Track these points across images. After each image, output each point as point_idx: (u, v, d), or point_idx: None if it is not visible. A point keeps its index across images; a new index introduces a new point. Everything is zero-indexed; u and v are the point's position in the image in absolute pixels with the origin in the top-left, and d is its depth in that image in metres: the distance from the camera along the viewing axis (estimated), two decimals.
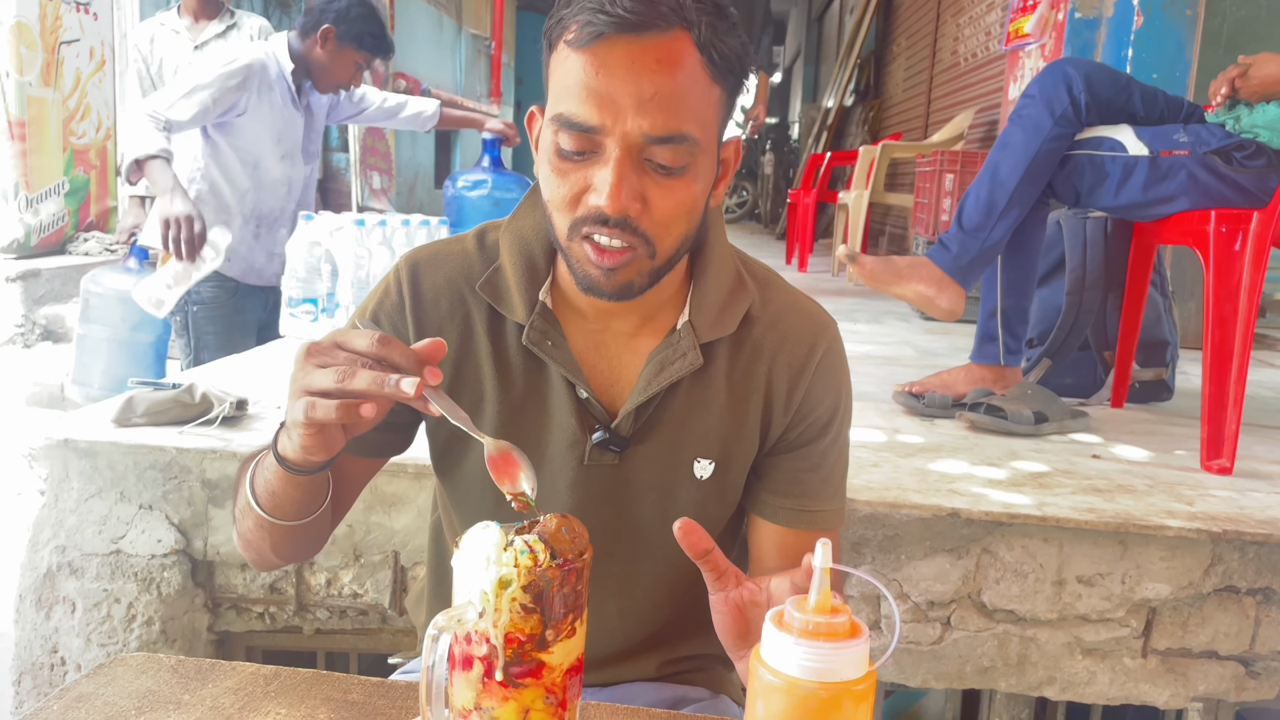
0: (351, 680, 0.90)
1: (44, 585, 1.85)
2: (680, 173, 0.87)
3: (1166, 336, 2.75)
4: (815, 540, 1.04)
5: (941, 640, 1.78)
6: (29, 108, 5.44)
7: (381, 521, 1.83)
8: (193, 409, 1.92)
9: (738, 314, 1.00)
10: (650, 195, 0.87)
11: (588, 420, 1.00)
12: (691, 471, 1.02)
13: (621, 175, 0.85)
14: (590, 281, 0.91)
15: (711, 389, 1.01)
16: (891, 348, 3.62)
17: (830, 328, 1.05)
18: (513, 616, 0.71)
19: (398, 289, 1.01)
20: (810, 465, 1.05)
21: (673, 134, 0.85)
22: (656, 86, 0.84)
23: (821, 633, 0.63)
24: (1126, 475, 2.01)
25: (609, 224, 0.87)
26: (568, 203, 0.89)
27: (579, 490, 1.02)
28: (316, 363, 0.78)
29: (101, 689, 0.86)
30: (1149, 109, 2.30)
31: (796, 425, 1.03)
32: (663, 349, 0.98)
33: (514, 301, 0.99)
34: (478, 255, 1.02)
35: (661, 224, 0.88)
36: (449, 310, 1.01)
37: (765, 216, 12.65)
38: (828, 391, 1.03)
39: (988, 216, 2.28)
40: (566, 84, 0.86)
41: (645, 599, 1.09)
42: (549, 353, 0.98)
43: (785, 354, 1.02)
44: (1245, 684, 1.78)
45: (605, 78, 0.84)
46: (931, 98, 7.81)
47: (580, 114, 0.85)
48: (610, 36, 0.84)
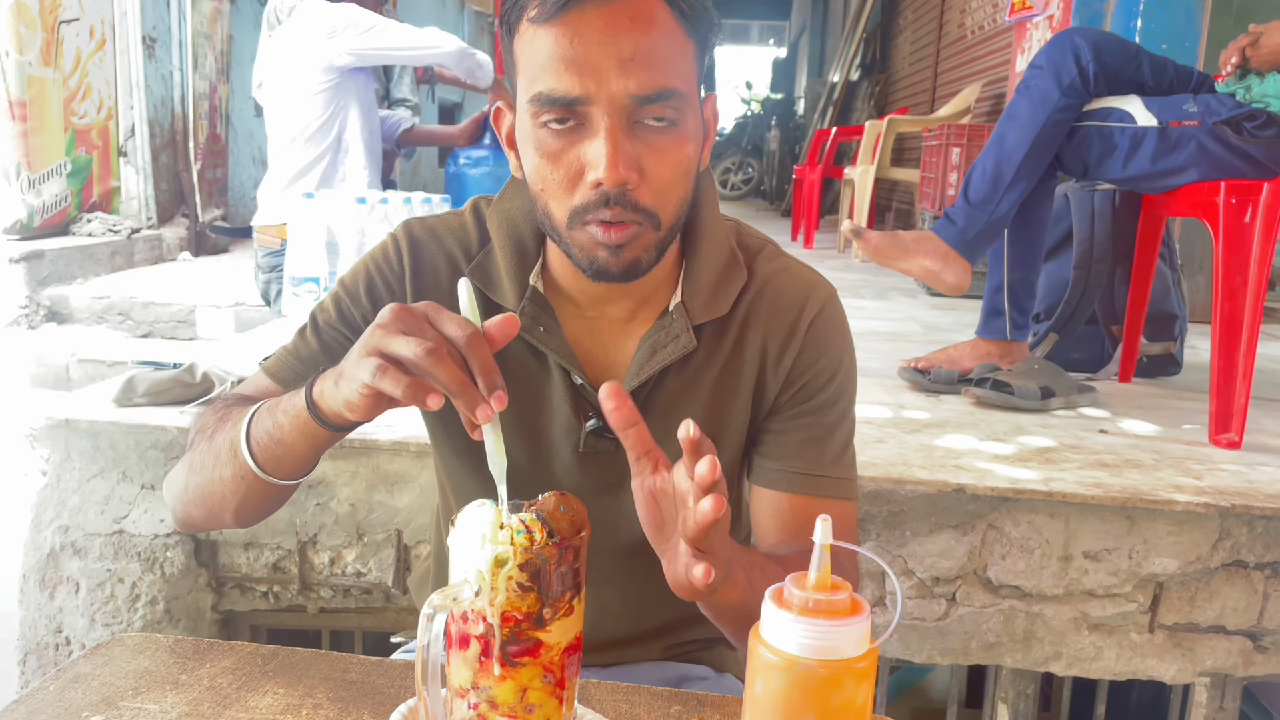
0: (350, 659, 0.90)
1: (47, 565, 1.85)
2: (673, 130, 0.85)
3: (1175, 310, 2.72)
4: (819, 508, 1.02)
5: (947, 616, 1.78)
6: (29, 87, 5.41)
7: (384, 500, 1.82)
8: (194, 388, 1.91)
9: (731, 294, 0.98)
10: (646, 162, 0.84)
11: (583, 407, 0.98)
12: None
13: (615, 143, 0.82)
14: (599, 265, 0.87)
15: (707, 369, 0.99)
16: (897, 323, 3.60)
17: (821, 289, 1.01)
18: (509, 595, 0.70)
19: (398, 257, 0.99)
20: (806, 428, 1.01)
21: (660, 89, 0.82)
22: (635, 45, 0.81)
23: (821, 610, 0.62)
24: (1134, 450, 1.99)
25: (610, 204, 0.84)
26: (563, 188, 0.85)
27: (575, 477, 1.00)
28: (401, 327, 0.72)
29: (99, 669, 0.85)
30: (1158, 79, 2.26)
31: (789, 389, 1.00)
32: (655, 332, 0.96)
33: (504, 287, 0.96)
34: (476, 232, 1.00)
35: (660, 192, 0.86)
36: (448, 285, 0.98)
37: (771, 193, 12.58)
38: (821, 354, 1.00)
39: (994, 189, 2.26)
40: (539, 62, 0.83)
41: (649, 584, 1.07)
42: (541, 339, 0.95)
43: (775, 320, 0.99)
44: (1253, 658, 1.78)
45: (580, 45, 0.81)
46: (938, 71, 7.75)
47: (561, 87, 0.82)
48: (578, 4, 0.81)
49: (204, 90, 6.37)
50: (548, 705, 0.72)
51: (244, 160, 7.04)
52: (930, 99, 7.83)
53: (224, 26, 6.58)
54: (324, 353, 0.98)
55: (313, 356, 0.99)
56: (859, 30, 9.89)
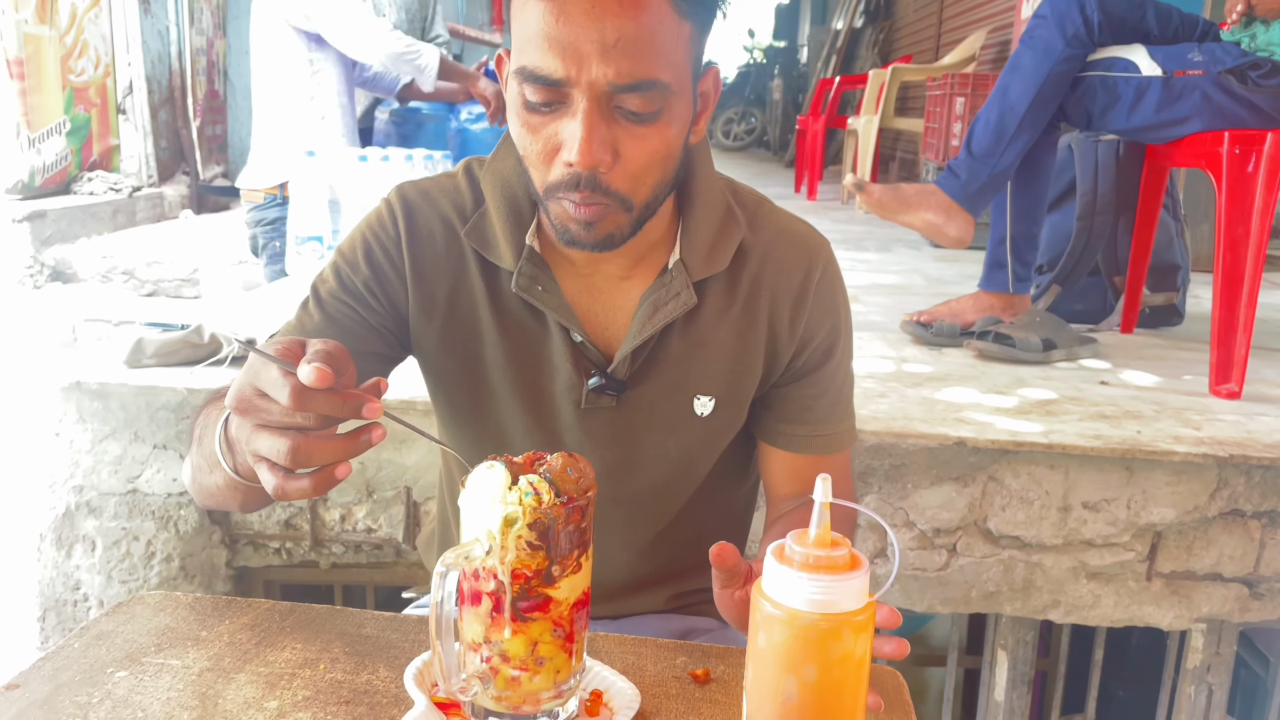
0: (365, 615, 0.92)
1: (63, 524, 1.88)
2: (652, 119, 0.84)
3: (1178, 260, 2.73)
4: (830, 463, 1.05)
5: (947, 567, 1.81)
6: (26, 46, 5.37)
7: (393, 458, 1.85)
8: (202, 349, 1.93)
9: (729, 249, 0.98)
10: (622, 146, 0.84)
11: (584, 364, 0.99)
12: (692, 409, 1.01)
13: (590, 127, 0.82)
14: (570, 236, 0.88)
15: (709, 326, 0.99)
16: (901, 276, 3.60)
17: (824, 249, 1.03)
18: (519, 554, 0.72)
19: (393, 222, 0.99)
20: (819, 391, 1.04)
21: (640, 80, 0.81)
22: (620, 31, 0.80)
23: (822, 565, 0.64)
24: (1134, 401, 2.01)
25: (580, 186, 0.84)
26: (541, 159, 0.86)
27: (577, 433, 1.01)
28: (256, 422, 0.70)
29: (121, 626, 0.88)
30: (1163, 27, 2.24)
31: (801, 353, 1.02)
32: (655, 290, 0.97)
33: (501, 248, 0.97)
34: (469, 193, 1.00)
35: (634, 176, 0.86)
36: (444, 248, 0.99)
37: (774, 143, 12.49)
38: (827, 314, 1.02)
39: (997, 142, 2.25)
40: (527, 34, 0.83)
41: (651, 536, 1.10)
42: (539, 298, 0.96)
43: (783, 282, 1.00)
44: (1249, 605, 1.81)
45: (566, 25, 0.80)
46: (943, 18, 7.65)
47: (544, 66, 0.82)
48: None
49: (201, 46, 6.31)
50: (557, 658, 0.75)
51: (243, 116, 6.99)
52: (935, 46, 7.74)
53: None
54: (328, 323, 0.99)
55: (317, 329, 0.99)
56: None
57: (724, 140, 13.07)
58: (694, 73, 0.89)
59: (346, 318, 0.99)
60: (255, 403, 0.70)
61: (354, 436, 0.72)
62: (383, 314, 1.00)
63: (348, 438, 0.71)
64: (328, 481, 0.72)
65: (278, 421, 0.70)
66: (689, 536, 1.11)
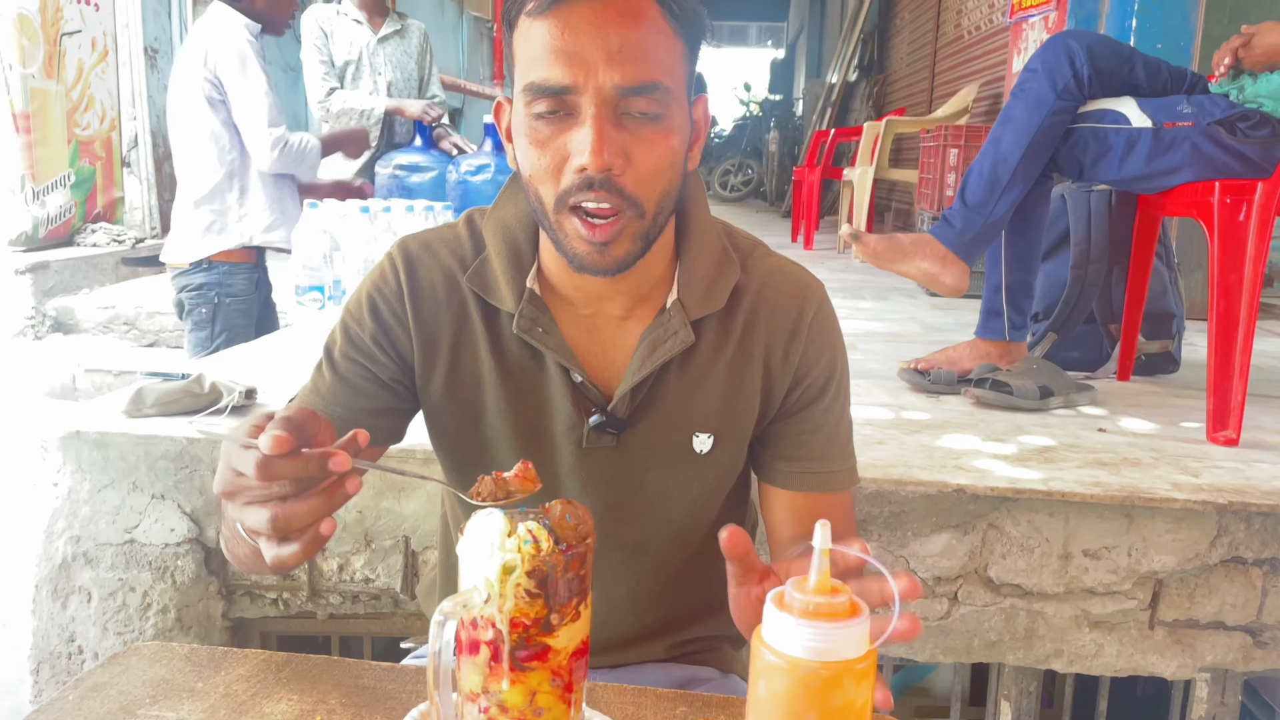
0: (362, 665, 0.92)
1: (59, 575, 1.87)
2: (658, 121, 0.87)
3: (1172, 308, 2.74)
4: (829, 502, 1.06)
5: (949, 615, 1.79)
6: (32, 100, 5.45)
7: (392, 507, 1.85)
8: (202, 399, 1.93)
9: (725, 288, 1.00)
10: (631, 150, 0.87)
11: (584, 404, 1.00)
12: (691, 447, 1.02)
13: (601, 130, 0.85)
14: (582, 259, 0.90)
15: (706, 364, 1.01)
16: (897, 324, 3.62)
17: (816, 289, 1.05)
18: (517, 602, 0.72)
19: (395, 276, 1.01)
20: (814, 427, 1.05)
21: (645, 82, 0.85)
22: (623, 38, 0.84)
23: (822, 613, 0.64)
24: (1132, 448, 2.01)
25: (594, 187, 0.86)
26: (550, 174, 0.88)
27: (579, 474, 1.02)
28: (241, 501, 0.74)
29: (116, 678, 0.87)
30: (1152, 80, 2.28)
31: (795, 389, 1.04)
32: (654, 329, 0.99)
33: (502, 291, 0.99)
34: (469, 243, 1.02)
35: (645, 180, 0.88)
36: (445, 297, 1.01)
37: (770, 194, 12.61)
38: (822, 352, 1.04)
39: (991, 192, 2.28)
40: (533, 53, 0.86)
41: (654, 580, 1.10)
42: (540, 339, 0.97)
43: (777, 320, 1.02)
44: (1253, 653, 1.79)
45: (571, 37, 0.84)
46: (935, 72, 7.77)
47: (551, 76, 0.85)
48: None
49: None
50: (556, 708, 0.74)
51: None
52: (928, 99, 7.85)
53: None
54: (340, 384, 1.02)
55: (330, 390, 1.01)
56: (856, 31, 9.92)
57: (721, 191, 13.20)
58: (688, 92, 0.93)
59: (358, 376, 1.01)
60: (236, 483, 0.73)
61: (330, 492, 0.73)
62: (393, 368, 1.02)
63: (324, 494, 0.73)
64: (315, 542, 0.74)
65: (260, 496, 0.73)
66: (690, 584, 1.11)
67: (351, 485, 0.74)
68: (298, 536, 0.74)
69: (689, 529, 1.08)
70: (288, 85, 8.00)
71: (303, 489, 0.73)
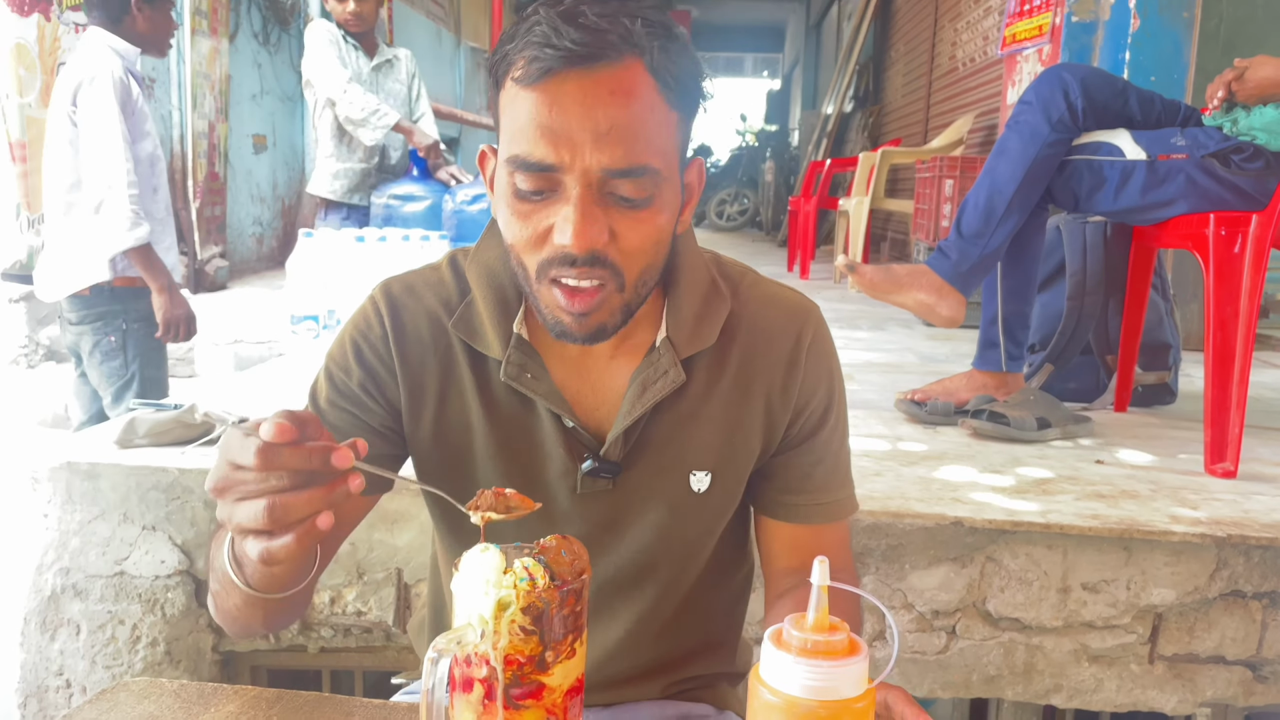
0: (353, 703, 0.90)
1: (48, 608, 1.85)
2: (645, 204, 0.85)
3: (1169, 339, 2.75)
4: (831, 535, 1.04)
5: (947, 650, 1.78)
6: (29, 129, 5.46)
7: (384, 539, 1.83)
8: (194, 429, 1.92)
9: (716, 324, 0.98)
10: (617, 227, 0.85)
11: (576, 448, 0.98)
12: (689, 486, 1.00)
13: (585, 212, 0.82)
14: (562, 327, 0.88)
15: (700, 401, 0.99)
16: (894, 354, 3.62)
17: (813, 313, 1.03)
18: (512, 639, 0.71)
19: (379, 320, 0.99)
20: (817, 458, 1.03)
21: (634, 166, 0.83)
22: (613, 119, 0.81)
23: (820, 651, 0.63)
24: (1130, 480, 2.01)
25: (577, 264, 0.84)
26: (532, 244, 0.86)
27: (575, 519, 1.00)
28: (235, 497, 0.71)
29: (104, 714, 0.86)
30: (1146, 113, 2.30)
31: (797, 420, 1.02)
32: (644, 369, 0.96)
33: (488, 337, 0.96)
34: (454, 285, 1.00)
35: (629, 254, 0.86)
36: (431, 342, 0.99)
37: (766, 224, 12.67)
38: (821, 378, 1.02)
39: (986, 223, 2.29)
40: (519, 124, 0.84)
41: (652, 619, 1.08)
42: (529, 385, 0.95)
43: (774, 350, 1.00)
44: (1254, 688, 1.78)
45: (559, 114, 0.81)
46: (930, 103, 7.83)
47: (536, 153, 0.82)
48: (560, 72, 0.81)
49: (203, 129, 6.42)
50: None
51: (242, 198, 7.09)
52: (923, 130, 7.90)
53: (222, 66, 6.64)
54: (332, 433, 0.99)
55: None
56: (852, 62, 10.00)
57: (717, 221, 13.26)
58: (681, 162, 0.90)
59: (347, 423, 0.99)
60: (231, 477, 0.71)
61: (330, 486, 0.71)
62: (381, 414, 0.99)
63: (324, 487, 0.71)
64: (310, 533, 0.71)
65: (255, 490, 0.70)
66: (687, 623, 1.10)
67: (354, 484, 0.72)
68: (292, 528, 0.71)
69: (687, 568, 1.06)
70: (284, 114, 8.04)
71: (297, 484, 0.70)
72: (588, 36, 0.81)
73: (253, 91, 7.54)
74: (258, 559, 0.72)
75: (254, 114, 7.46)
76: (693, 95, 0.89)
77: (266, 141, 7.70)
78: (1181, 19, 3.75)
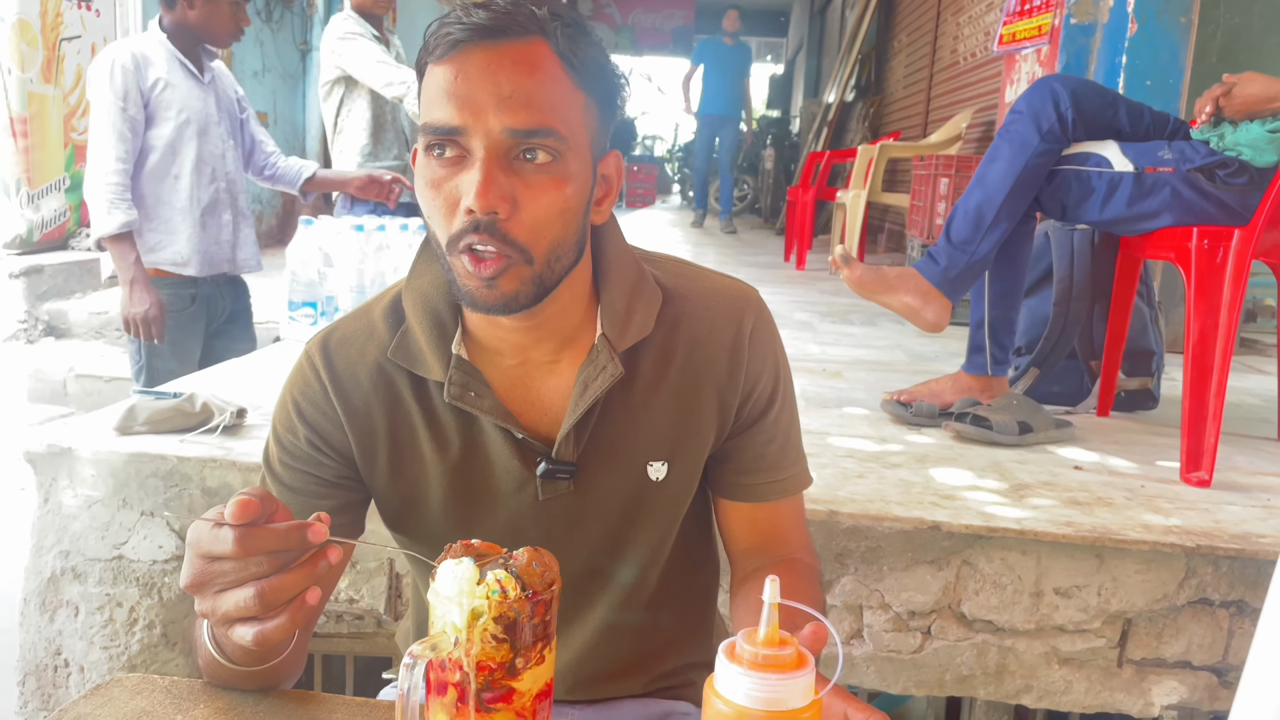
0: (336, 701, 0.95)
1: (48, 589, 1.90)
2: (550, 169, 0.88)
3: (1152, 346, 2.78)
4: (787, 510, 1.09)
5: (922, 649, 1.83)
6: (30, 104, 5.48)
7: (377, 530, 1.86)
8: (193, 418, 1.96)
9: (650, 314, 1.01)
10: (520, 196, 0.87)
11: (530, 457, 1.00)
12: (646, 476, 1.03)
13: (488, 174, 0.85)
14: (473, 296, 0.90)
15: (648, 391, 1.02)
16: (884, 352, 3.65)
17: (752, 298, 1.06)
18: (484, 646, 0.75)
19: (315, 376, 1.01)
20: (768, 437, 1.07)
21: (536, 127, 0.86)
22: (515, 84, 0.86)
23: (770, 664, 0.67)
24: (1107, 487, 2.05)
25: (479, 229, 0.87)
26: (444, 214, 0.89)
27: (541, 525, 1.03)
28: (215, 590, 0.73)
29: (98, 709, 0.90)
30: (1135, 125, 2.33)
31: (746, 403, 1.05)
32: (585, 367, 0.99)
33: (428, 360, 0.98)
34: (385, 325, 1.02)
35: (533, 228, 0.88)
36: (371, 386, 1.01)
37: (765, 211, 12.68)
38: (765, 362, 1.05)
39: (975, 230, 2.32)
40: (430, 96, 0.88)
41: (627, 614, 1.12)
42: (473, 404, 0.97)
43: (715, 338, 1.03)
44: (1219, 693, 1.83)
45: (464, 81, 0.86)
46: (931, 95, 7.84)
47: (442, 117, 0.86)
48: (468, 45, 0.86)
49: None
50: None
51: None
52: (923, 122, 7.91)
53: None
54: (290, 495, 1.02)
55: (287, 499, 1.01)
56: (854, 51, 9.99)
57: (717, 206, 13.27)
58: (594, 148, 0.93)
59: (304, 483, 1.02)
60: (207, 570, 0.74)
61: (312, 563, 0.75)
62: (335, 466, 1.02)
63: (307, 564, 0.75)
64: (302, 611, 0.75)
65: (236, 578, 0.73)
66: (662, 614, 1.13)
67: (333, 556, 0.76)
68: (284, 609, 0.74)
69: (655, 557, 1.10)
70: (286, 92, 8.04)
71: (279, 565, 0.74)
72: (496, 15, 0.87)
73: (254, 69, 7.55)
74: (252, 643, 0.75)
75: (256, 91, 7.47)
76: (602, 83, 0.93)
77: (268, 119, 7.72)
78: (1179, 24, 3.77)
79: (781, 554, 1.09)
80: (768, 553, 1.10)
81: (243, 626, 0.75)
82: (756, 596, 1.00)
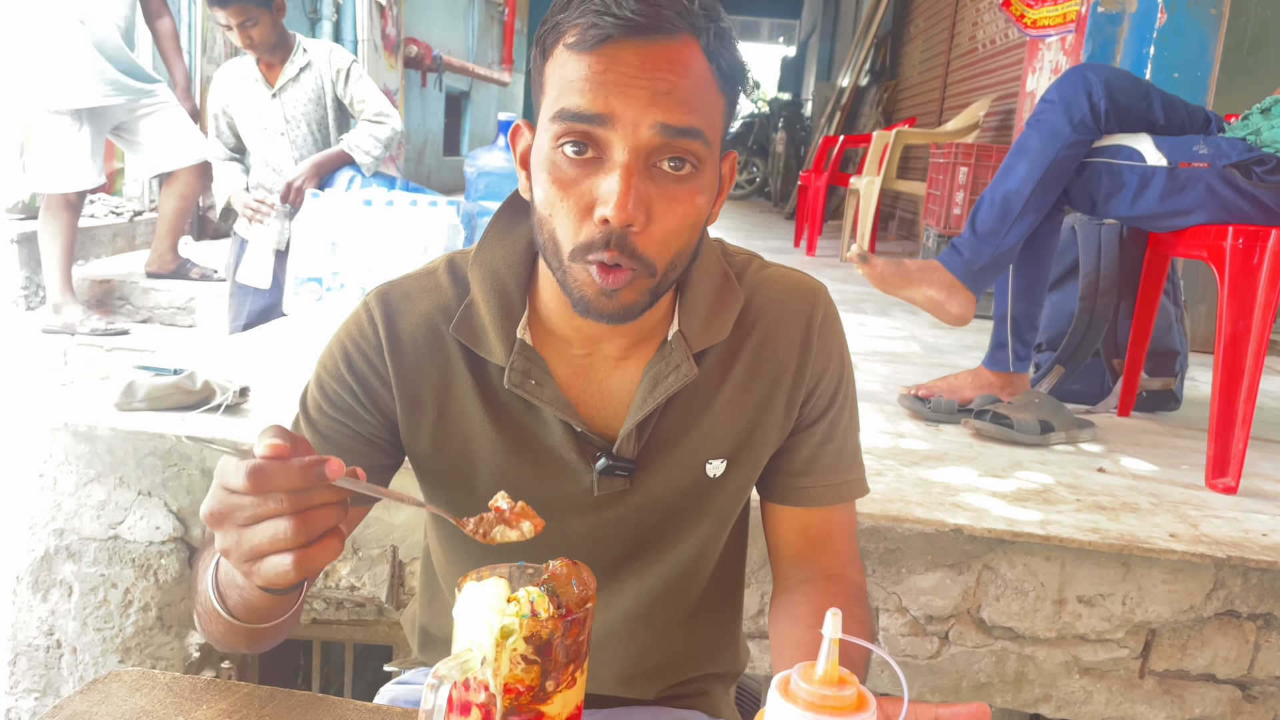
0: (346, 705, 0.90)
1: (41, 568, 1.85)
2: (689, 180, 0.83)
3: (1177, 346, 2.73)
4: (839, 517, 1.04)
5: (939, 655, 1.78)
6: None
7: (380, 516, 1.82)
8: (194, 395, 1.91)
9: (729, 318, 0.97)
10: (655, 207, 0.82)
11: (589, 451, 0.96)
12: (704, 473, 0.99)
13: (629, 180, 0.80)
14: (589, 304, 0.85)
15: (714, 390, 0.98)
16: (899, 343, 3.60)
17: (821, 292, 1.03)
18: (513, 667, 0.70)
19: (373, 328, 0.96)
20: (825, 438, 1.03)
21: (690, 127, 0.81)
22: (671, 84, 0.80)
23: (828, 705, 0.61)
24: (1131, 491, 2.00)
25: (611, 244, 0.82)
26: (573, 218, 0.83)
27: (591, 519, 0.98)
28: (237, 523, 0.68)
29: (95, 706, 0.85)
30: (1169, 118, 2.26)
31: (809, 400, 1.01)
32: (655, 364, 0.95)
33: (490, 342, 0.94)
34: (452, 290, 0.97)
35: (662, 241, 0.84)
36: (428, 350, 0.96)
37: (775, 195, 12.58)
38: (832, 356, 1.02)
39: (1001, 222, 2.26)
40: (569, 80, 0.81)
41: (659, 612, 1.07)
42: (533, 393, 0.93)
43: (785, 332, 1.00)
44: (1242, 708, 1.78)
45: (615, 73, 0.80)
46: (948, 82, 7.74)
47: (585, 103, 0.80)
48: (618, 39, 0.79)
49: (211, 73, 6.33)
50: None
51: None
52: (939, 109, 7.82)
53: None
54: (323, 444, 0.96)
55: (318, 447, 0.95)
56: (870, 35, 9.87)
57: None
58: (720, 150, 0.89)
59: (339, 434, 0.97)
60: (228, 502, 0.68)
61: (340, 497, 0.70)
62: (375, 424, 0.97)
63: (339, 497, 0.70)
64: (340, 539, 0.70)
65: (252, 515, 0.68)
66: (691, 623, 1.09)
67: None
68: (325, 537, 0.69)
69: (697, 562, 1.05)
70: None
71: (296, 506, 0.68)
72: (647, 8, 0.80)
73: None
74: (292, 569, 0.68)
75: None
76: (738, 85, 0.88)
77: None
78: (1209, 16, 3.68)
79: (829, 566, 1.04)
80: (815, 564, 1.04)
81: (277, 556, 0.69)
82: (803, 612, 0.96)
